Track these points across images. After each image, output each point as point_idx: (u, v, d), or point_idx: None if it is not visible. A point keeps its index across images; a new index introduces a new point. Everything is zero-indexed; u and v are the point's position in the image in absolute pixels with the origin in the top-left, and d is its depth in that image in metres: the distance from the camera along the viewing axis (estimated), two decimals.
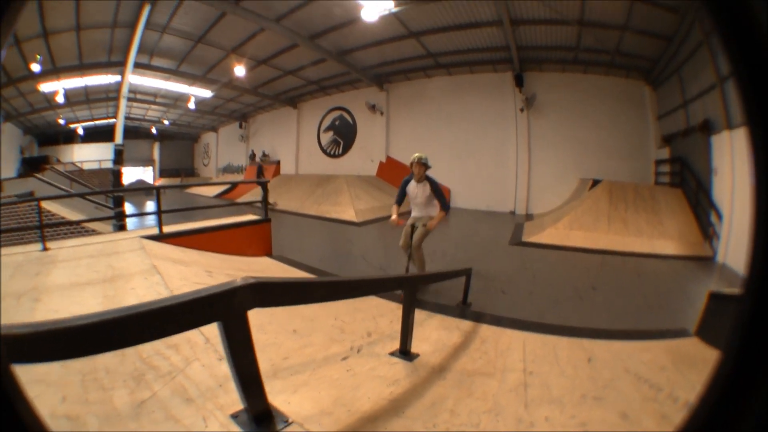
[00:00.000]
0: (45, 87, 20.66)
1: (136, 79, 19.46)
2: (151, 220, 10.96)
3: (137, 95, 23.85)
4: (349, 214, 13.68)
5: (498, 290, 6.40)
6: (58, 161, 28.29)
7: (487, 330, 4.30)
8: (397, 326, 3.33)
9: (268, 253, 8.07)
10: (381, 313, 4.50)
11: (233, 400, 2.16)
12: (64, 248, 5.97)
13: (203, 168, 35.31)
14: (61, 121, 29.40)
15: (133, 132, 28.88)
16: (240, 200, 16.94)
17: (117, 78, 20.06)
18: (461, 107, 16.71)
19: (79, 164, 27.60)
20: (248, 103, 25.03)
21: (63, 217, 9.74)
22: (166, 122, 31.29)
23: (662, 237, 9.22)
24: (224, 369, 2.46)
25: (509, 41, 13.05)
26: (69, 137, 33.01)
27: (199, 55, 17.22)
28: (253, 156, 26.25)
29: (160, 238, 6.69)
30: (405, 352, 3.27)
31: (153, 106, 26.75)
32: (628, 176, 12.95)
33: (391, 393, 2.60)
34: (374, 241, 11.19)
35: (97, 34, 15.34)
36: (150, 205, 18.04)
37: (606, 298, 6.07)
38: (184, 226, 7.46)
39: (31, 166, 24.43)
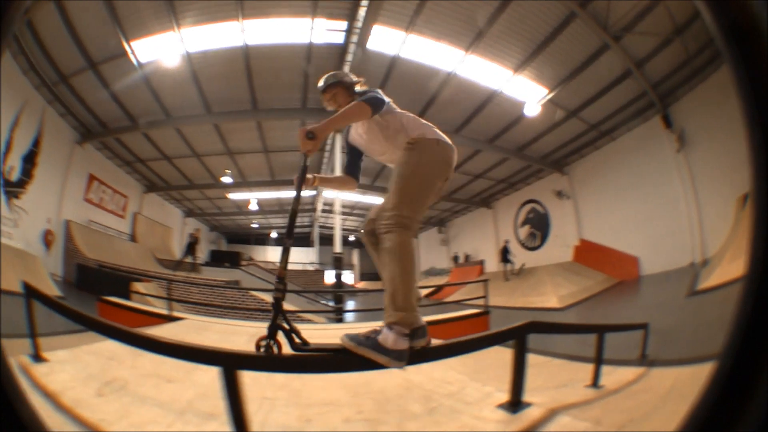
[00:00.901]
0: (234, 196, 24.96)
1: (330, 193, 22.87)
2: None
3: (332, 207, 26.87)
4: (552, 302, 14.07)
5: None
6: (251, 259, 30.78)
7: None
8: None
9: None
10: None
11: None
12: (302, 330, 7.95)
13: None
14: (255, 225, 33.97)
15: (330, 240, 31.61)
16: (449, 300, 17.28)
17: (312, 192, 23.78)
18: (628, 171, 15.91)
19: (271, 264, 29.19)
20: (445, 209, 26.51)
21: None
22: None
23: None
24: None
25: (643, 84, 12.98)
26: (261, 239, 36.93)
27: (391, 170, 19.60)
28: (456, 258, 27.17)
29: None
30: None
31: (351, 217, 29.63)
32: None
33: None
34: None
35: (288, 156, 18.81)
36: (351, 304, 20.11)
37: None
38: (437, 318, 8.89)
39: (219, 259, 27.26)
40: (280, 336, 2.36)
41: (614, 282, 14.73)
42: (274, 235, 36.13)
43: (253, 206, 24.83)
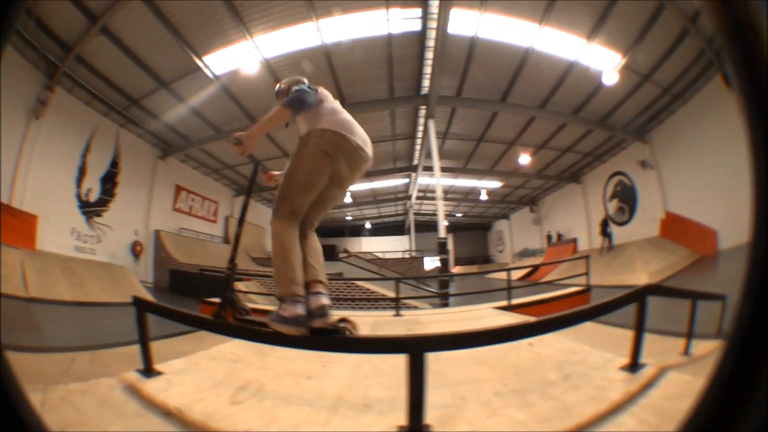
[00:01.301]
0: None
1: (424, 180, 22.82)
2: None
3: (427, 194, 26.93)
4: (642, 279, 13.28)
5: None
6: (347, 251, 30.67)
7: None
8: None
9: None
10: None
11: None
12: (416, 316, 7.90)
13: (498, 254, 35.86)
14: (348, 218, 34.51)
15: (425, 226, 31.57)
16: (546, 280, 16.76)
17: (405, 180, 23.99)
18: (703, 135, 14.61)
19: (377, 254, 29.92)
20: (536, 187, 25.87)
21: (383, 295, 11.63)
22: (457, 215, 33.64)
23: None
24: None
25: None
26: (355, 231, 38.16)
27: (482, 152, 19.31)
28: (549, 237, 26.34)
29: (509, 308, 8.01)
30: None
31: (445, 202, 29.24)
32: None
33: None
34: None
35: (379, 147, 18.14)
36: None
37: None
38: (524, 300, 8.86)
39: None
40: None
41: (696, 257, 13.91)
42: (367, 225, 36.90)
43: (347, 199, 24.88)
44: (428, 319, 7.36)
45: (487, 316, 7.22)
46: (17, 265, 9.97)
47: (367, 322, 6.84)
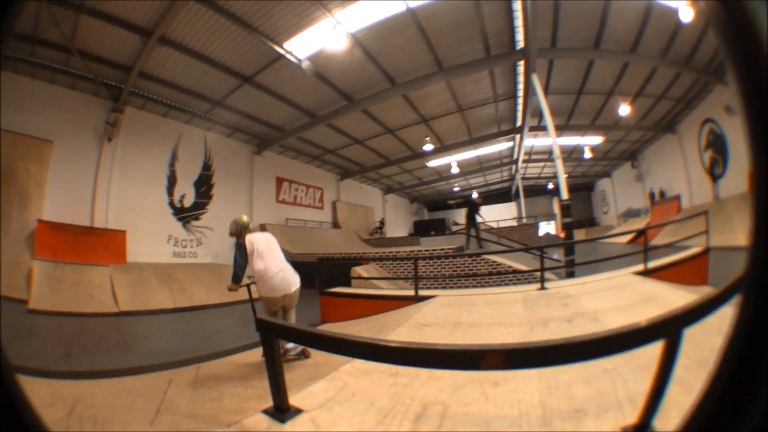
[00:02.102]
0: (433, 163, 24.55)
1: (529, 141, 21.74)
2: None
3: (531, 156, 25.93)
4: (740, 240, 12.22)
5: None
6: (455, 223, 30.92)
7: None
8: None
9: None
10: None
11: None
12: (558, 288, 7.01)
13: (603, 216, 33.41)
14: (455, 189, 33.91)
15: (530, 190, 30.71)
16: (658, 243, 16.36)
17: (509, 144, 22.76)
18: None
19: (491, 223, 29.09)
20: (634, 140, 24.28)
21: (510, 266, 10.77)
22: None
23: None
24: None
25: None
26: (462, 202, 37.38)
27: (583, 105, 18.17)
28: (653, 195, 24.10)
29: (646, 273, 7.34)
30: None
31: (550, 163, 27.48)
32: None
33: None
34: None
35: (482, 111, 17.76)
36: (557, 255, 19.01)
37: None
38: (658, 263, 8.10)
39: (423, 228, 28.37)
40: None
41: None
42: (474, 195, 36.02)
43: (454, 169, 24.44)
44: (577, 291, 6.55)
45: (634, 283, 6.59)
46: (105, 281, 10.24)
47: (515, 299, 6.46)
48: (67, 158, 11.65)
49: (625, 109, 16.77)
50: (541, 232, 25.05)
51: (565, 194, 11.63)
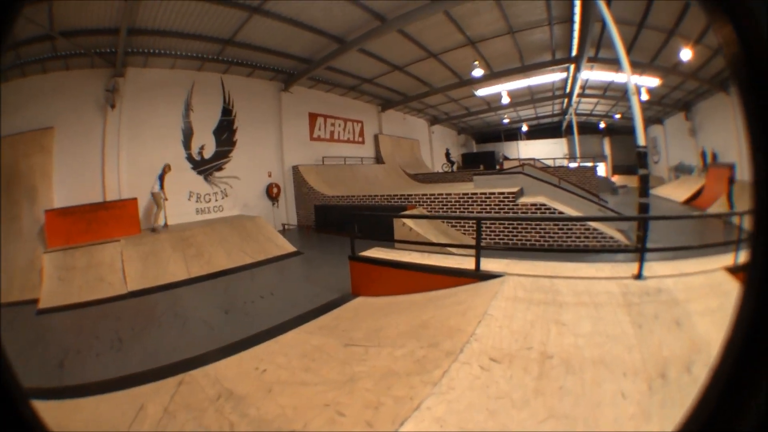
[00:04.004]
0: (482, 92, 22.52)
1: (585, 74, 19.48)
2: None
3: (585, 90, 23.83)
4: None
5: None
6: (505, 158, 29.46)
7: None
8: None
9: None
10: None
11: None
12: (656, 279, 5.07)
13: (654, 166, 28.33)
14: (505, 121, 31.85)
15: (580, 127, 28.64)
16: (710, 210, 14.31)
17: (562, 75, 20.36)
18: None
19: (547, 161, 27.19)
20: (689, 90, 21.15)
21: (609, 235, 9.03)
22: (615, 116, 29.50)
23: None
24: None
25: None
26: (511, 134, 35.59)
27: (644, 42, 15.41)
28: (704, 155, 21.31)
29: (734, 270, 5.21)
30: None
31: (603, 100, 25.96)
32: None
33: None
34: None
35: (534, 34, 15.32)
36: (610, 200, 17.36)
37: None
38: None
39: (472, 162, 26.85)
40: None
41: None
42: (524, 129, 34.16)
43: (504, 100, 22.45)
44: (676, 286, 4.71)
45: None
46: (116, 259, 9.40)
47: (612, 297, 4.56)
48: (70, 139, 11.34)
49: (686, 53, 14.57)
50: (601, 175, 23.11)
51: (641, 138, 9.00)
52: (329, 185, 16.42)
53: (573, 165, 25.21)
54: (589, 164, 24.21)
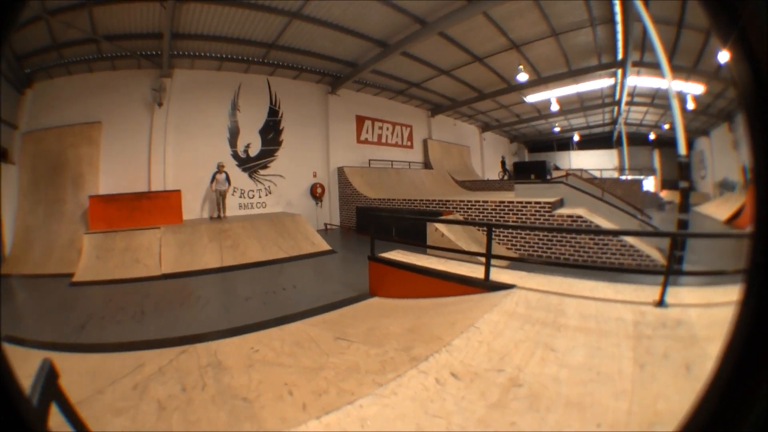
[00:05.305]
0: (531, 98, 22.12)
1: (632, 80, 18.91)
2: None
3: (633, 98, 23.01)
4: None
5: None
6: (556, 168, 28.61)
7: None
8: None
9: None
10: None
11: None
12: (681, 308, 4.07)
13: (700, 181, 26.76)
14: (556, 129, 31.20)
15: (630, 138, 27.70)
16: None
17: (611, 81, 19.70)
18: None
19: (586, 172, 27.02)
20: (732, 98, 19.32)
21: (643, 251, 8.48)
22: (663, 127, 27.62)
23: None
24: None
25: None
26: (563, 144, 34.76)
27: (686, 44, 14.58)
28: (745, 170, 19.58)
29: None
30: None
31: (653, 108, 24.86)
32: None
33: None
34: None
35: (578, 36, 14.88)
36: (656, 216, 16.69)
37: None
38: None
39: (523, 171, 26.02)
40: None
41: None
42: (575, 139, 33.33)
43: (553, 107, 21.94)
44: (701, 320, 3.87)
45: None
46: (154, 244, 10.06)
47: (622, 326, 3.91)
48: (118, 133, 12.47)
49: (724, 55, 12.92)
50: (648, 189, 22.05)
51: (683, 147, 8.40)
52: (372, 188, 16.59)
53: (623, 177, 24.41)
54: (639, 177, 23.32)
